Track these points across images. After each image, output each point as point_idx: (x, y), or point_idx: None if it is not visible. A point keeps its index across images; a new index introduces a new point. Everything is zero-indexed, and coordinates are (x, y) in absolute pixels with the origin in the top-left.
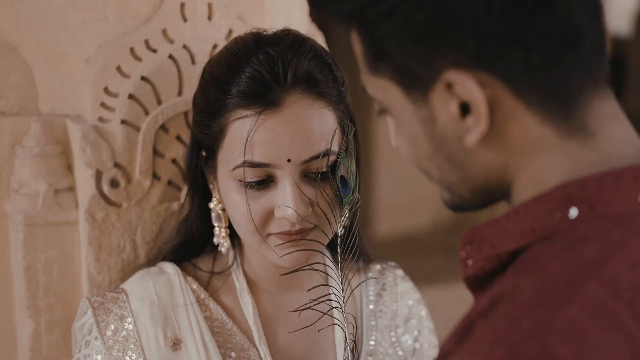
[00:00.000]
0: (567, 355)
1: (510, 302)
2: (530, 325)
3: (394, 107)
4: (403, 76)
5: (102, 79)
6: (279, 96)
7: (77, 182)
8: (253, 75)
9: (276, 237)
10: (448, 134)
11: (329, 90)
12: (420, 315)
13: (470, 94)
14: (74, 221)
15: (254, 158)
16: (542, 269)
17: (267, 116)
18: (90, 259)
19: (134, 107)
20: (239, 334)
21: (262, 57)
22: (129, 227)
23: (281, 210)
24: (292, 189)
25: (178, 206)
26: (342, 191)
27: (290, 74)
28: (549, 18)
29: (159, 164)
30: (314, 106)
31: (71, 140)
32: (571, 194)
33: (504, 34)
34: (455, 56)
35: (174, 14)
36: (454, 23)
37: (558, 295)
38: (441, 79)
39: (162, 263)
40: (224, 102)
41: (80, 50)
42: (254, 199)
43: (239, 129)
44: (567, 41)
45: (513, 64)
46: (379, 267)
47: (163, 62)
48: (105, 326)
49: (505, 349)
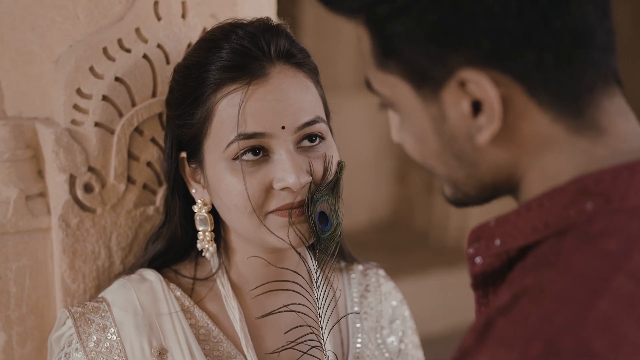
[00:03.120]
0: (605, 348)
1: (536, 298)
2: (565, 321)
3: (402, 103)
4: (414, 74)
5: (75, 80)
6: (265, 67)
7: (49, 188)
8: (236, 49)
9: (276, 215)
10: (458, 131)
11: (309, 65)
12: (404, 316)
13: (485, 92)
14: (46, 228)
15: (248, 129)
16: (566, 263)
17: (256, 86)
18: (65, 267)
19: (108, 108)
20: (226, 341)
21: (242, 32)
22: (103, 233)
23: (281, 181)
24: (290, 156)
25: (154, 211)
26: (321, 227)
27: (272, 47)
28: (563, 18)
29: (133, 167)
30: (297, 76)
31: (42, 144)
32: (586, 188)
33: (519, 34)
34: (469, 55)
35: (147, 13)
36: (469, 22)
37: (587, 289)
38: (454, 77)
39: (142, 270)
40: (208, 82)
41: (48, 50)
42: (251, 175)
43: (228, 105)
44: (579, 41)
45: (527, 64)
46: (361, 267)
47: (137, 62)
48: (87, 337)
49: (542, 345)
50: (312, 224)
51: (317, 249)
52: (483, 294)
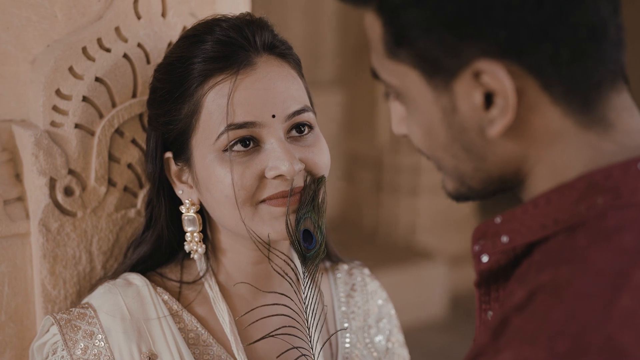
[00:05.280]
0: (631, 342)
1: (555, 294)
2: (589, 317)
3: (411, 94)
4: (426, 63)
5: (54, 80)
6: (251, 56)
7: (28, 192)
8: (220, 40)
9: (268, 206)
10: (468, 123)
11: (293, 56)
12: (390, 314)
13: (500, 84)
14: (25, 233)
15: (238, 119)
16: (583, 259)
17: (243, 75)
18: (45, 273)
19: (88, 109)
20: (216, 345)
21: (227, 25)
22: (84, 237)
23: (274, 169)
24: (282, 144)
25: (135, 213)
26: (307, 246)
27: (258, 38)
28: (580, 12)
29: (114, 169)
30: (283, 66)
31: (20, 147)
32: (596, 183)
33: (537, 27)
34: (485, 46)
35: (126, 11)
36: (487, 13)
37: (608, 285)
38: (469, 67)
39: (126, 274)
40: (193, 75)
41: (24, 50)
42: (243, 164)
43: (216, 96)
44: (593, 35)
45: (542, 57)
46: (346, 267)
47: (118, 62)
48: (73, 345)
49: (569, 341)
50: (297, 244)
51: (303, 267)
52: (485, 291)
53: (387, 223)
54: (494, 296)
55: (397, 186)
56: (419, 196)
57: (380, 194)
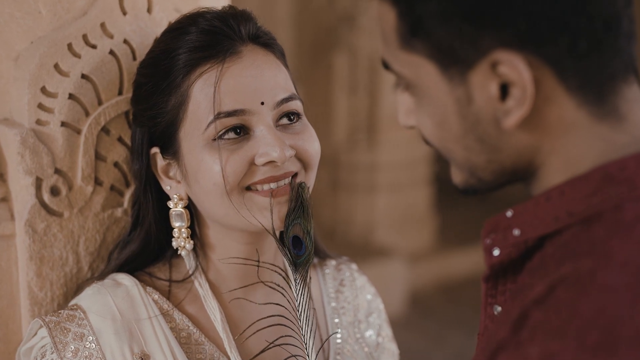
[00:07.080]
0: None
1: (578, 287)
2: (618, 310)
3: (424, 84)
4: (442, 54)
5: (39, 78)
6: (236, 45)
7: (13, 192)
8: (205, 29)
9: (257, 195)
10: (483, 114)
11: (277, 47)
12: (379, 309)
13: (518, 74)
14: (10, 235)
15: (227, 107)
16: (604, 252)
17: (230, 64)
18: (32, 275)
19: (74, 107)
20: (208, 343)
21: (211, 16)
22: (71, 237)
23: (265, 155)
24: (272, 131)
25: (122, 212)
26: (296, 252)
27: (242, 28)
28: (597, 4)
29: (100, 168)
30: (268, 55)
31: (4, 146)
32: (611, 175)
33: (556, 18)
34: (504, 36)
35: (112, 7)
36: (507, 4)
37: (634, 278)
38: (487, 58)
39: (114, 275)
40: (179, 66)
41: (7, 47)
42: (233, 152)
43: (204, 85)
44: (608, 27)
45: (560, 48)
46: (334, 262)
47: (104, 58)
48: (64, 347)
49: (599, 335)
50: (287, 252)
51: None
52: (492, 285)
53: (344, 221)
54: (500, 290)
55: (354, 184)
56: (376, 194)
57: (337, 193)
